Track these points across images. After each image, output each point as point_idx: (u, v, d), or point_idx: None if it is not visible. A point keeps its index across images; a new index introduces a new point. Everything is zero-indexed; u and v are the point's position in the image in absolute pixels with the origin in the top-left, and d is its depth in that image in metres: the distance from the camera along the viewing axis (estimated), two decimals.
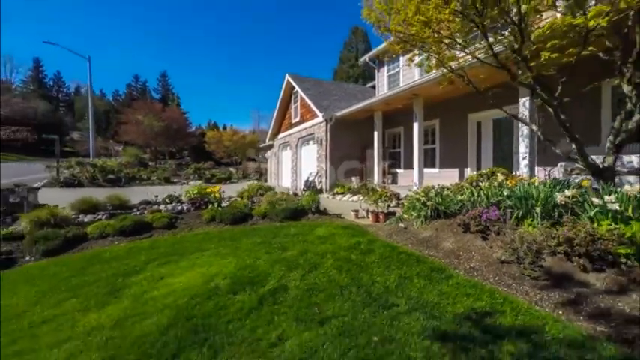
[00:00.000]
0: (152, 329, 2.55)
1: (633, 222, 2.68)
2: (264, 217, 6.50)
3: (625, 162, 5.75)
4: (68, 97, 57.35)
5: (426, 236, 4.13)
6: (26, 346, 2.49)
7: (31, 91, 45.36)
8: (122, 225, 5.80)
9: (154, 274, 3.78)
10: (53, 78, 55.74)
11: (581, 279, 2.57)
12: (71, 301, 3.24)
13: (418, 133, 8.36)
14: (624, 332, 2.00)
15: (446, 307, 2.50)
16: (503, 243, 3.22)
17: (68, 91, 58.50)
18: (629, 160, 5.67)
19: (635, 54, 3.06)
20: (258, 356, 2.12)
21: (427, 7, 3.14)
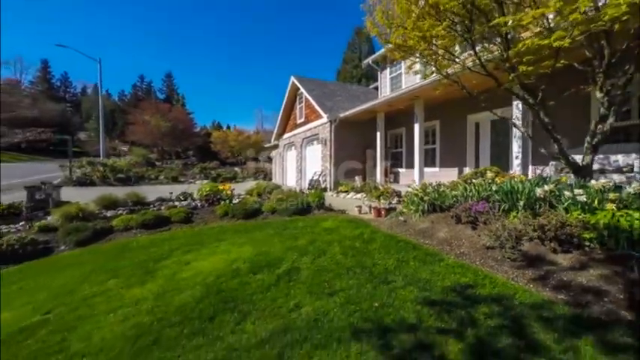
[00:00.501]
0: (189, 300, 3.05)
1: (598, 211, 3.14)
2: (273, 212, 7.00)
3: (612, 161, 6.18)
4: (75, 97, 58.41)
5: (422, 227, 4.61)
6: (85, 313, 3.02)
7: (40, 92, 46.34)
8: (144, 219, 6.34)
9: (181, 260, 4.30)
10: (60, 79, 56.87)
11: (551, 259, 3.03)
12: (113, 281, 3.77)
13: (419, 134, 8.81)
14: (579, 298, 2.47)
15: (436, 283, 2.98)
16: (489, 232, 3.69)
17: (75, 91, 59.60)
18: (616, 160, 6.10)
19: (605, 65, 3.51)
20: (280, 318, 2.62)
21: (423, 23, 3.61)
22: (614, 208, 3.03)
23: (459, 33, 3.61)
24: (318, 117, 13.09)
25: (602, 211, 3.10)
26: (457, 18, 3.54)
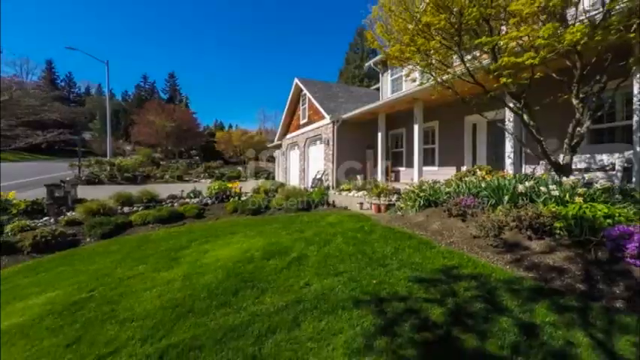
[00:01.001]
0: (213, 280, 3.57)
1: (569, 204, 3.62)
2: (279, 208, 7.52)
3: (597, 160, 6.64)
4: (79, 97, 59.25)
5: (418, 221, 5.10)
6: (125, 291, 3.53)
7: (45, 92, 47.10)
8: (160, 214, 6.87)
9: (200, 249, 4.82)
10: (65, 79, 57.72)
11: (526, 245, 3.51)
12: (142, 266, 4.29)
13: (418, 134, 9.29)
14: (544, 275, 2.96)
15: (426, 265, 3.47)
16: (476, 223, 4.17)
17: (79, 92, 60.43)
18: (601, 159, 6.56)
19: (578, 76, 3.98)
20: (293, 294, 3.12)
21: (417, 39, 4.10)
22: (581, 202, 3.51)
23: (449, 47, 4.10)
24: (321, 118, 13.59)
25: (572, 204, 3.58)
26: (447, 35, 4.03)
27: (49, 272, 4.45)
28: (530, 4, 2.91)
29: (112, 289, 3.60)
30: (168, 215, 6.89)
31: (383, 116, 11.35)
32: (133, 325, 2.79)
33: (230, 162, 31.24)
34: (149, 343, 2.50)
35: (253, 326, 2.58)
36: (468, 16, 3.50)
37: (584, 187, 3.76)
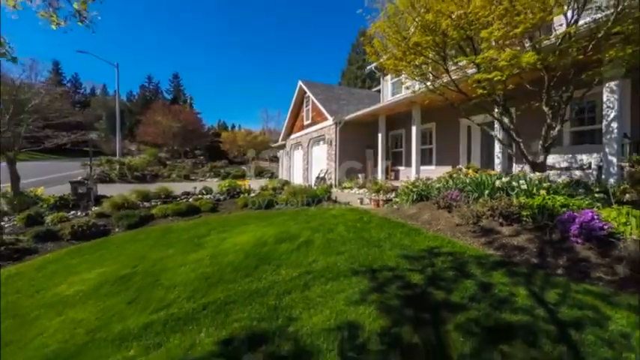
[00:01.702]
0: (235, 259, 4.30)
1: (535, 196, 4.31)
2: (286, 203, 8.24)
3: (577, 160, 7.32)
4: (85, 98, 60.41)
5: (411, 213, 5.81)
6: (162, 267, 4.27)
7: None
8: (178, 208, 7.63)
9: (219, 237, 5.56)
10: (71, 80, 58.92)
11: (498, 230, 4.21)
12: (172, 250, 5.04)
13: (415, 135, 9.99)
14: (508, 252, 3.66)
15: (413, 246, 4.18)
16: (459, 213, 4.87)
17: (84, 92, 61.62)
18: (581, 158, 7.24)
19: (546, 87, 4.67)
20: (303, 267, 3.84)
21: (408, 55, 4.80)
22: (544, 194, 4.20)
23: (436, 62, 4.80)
24: (324, 119, 14.31)
25: (538, 196, 4.27)
26: (434, 51, 4.73)
27: (92, 255, 5.21)
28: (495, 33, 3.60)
29: (151, 266, 4.35)
30: (185, 209, 7.64)
31: (383, 118, 12.04)
32: (176, 290, 3.53)
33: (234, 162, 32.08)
34: (192, 301, 3.23)
35: (273, 289, 3.30)
36: (449, 37, 4.20)
37: (549, 182, 4.45)
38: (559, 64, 4.18)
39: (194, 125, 34.35)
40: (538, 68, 4.26)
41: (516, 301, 2.65)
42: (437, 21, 4.07)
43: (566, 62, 4.23)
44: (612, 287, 2.76)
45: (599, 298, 2.56)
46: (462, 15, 4.11)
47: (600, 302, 2.51)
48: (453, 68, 5.28)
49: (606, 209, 3.65)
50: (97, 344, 2.64)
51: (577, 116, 7.35)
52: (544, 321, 2.35)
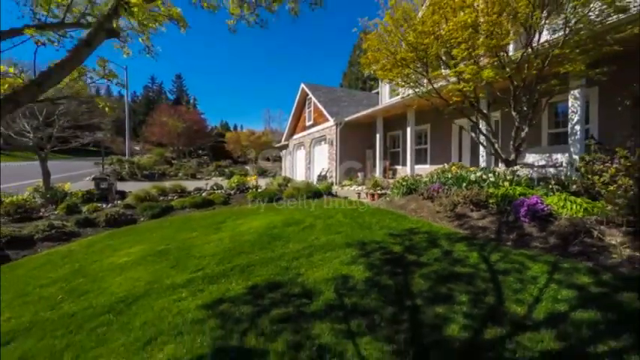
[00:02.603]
0: (250, 238, 5.24)
1: (501, 187, 5.22)
2: (290, 197, 9.18)
3: (553, 158, 8.19)
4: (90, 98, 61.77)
5: (401, 203, 6.73)
6: (191, 244, 5.22)
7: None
8: (194, 201, 8.59)
9: (234, 223, 6.50)
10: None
11: (469, 215, 5.12)
12: (195, 233, 5.99)
13: (410, 136, 10.90)
14: (474, 231, 4.57)
15: (398, 227, 5.10)
16: (439, 203, 5.79)
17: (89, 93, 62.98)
18: (556, 157, 8.11)
19: (513, 95, 5.58)
20: (307, 243, 4.76)
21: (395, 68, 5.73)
22: (507, 185, 5.10)
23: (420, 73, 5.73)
24: (326, 120, 15.25)
25: (502, 187, 5.18)
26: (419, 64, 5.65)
27: (127, 237, 6.17)
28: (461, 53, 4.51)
29: (181, 244, 5.30)
30: (201, 201, 8.60)
31: (380, 119, 12.96)
32: (206, 259, 4.47)
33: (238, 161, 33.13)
34: (220, 265, 4.17)
35: (283, 257, 4.24)
36: (429, 54, 5.12)
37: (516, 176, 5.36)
38: (519, 77, 5.09)
39: (198, 125, 35.46)
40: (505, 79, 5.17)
41: (468, 261, 3.57)
42: (418, 41, 4.99)
43: (528, 75, 5.14)
44: (542, 252, 3.67)
45: (528, 258, 3.48)
46: (438, 35, 5.03)
47: (527, 260, 3.42)
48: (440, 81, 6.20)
49: (552, 197, 4.55)
50: (155, 291, 3.58)
51: (554, 119, 8.22)
52: (483, 271, 3.27)
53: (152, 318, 2.96)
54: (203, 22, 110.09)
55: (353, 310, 2.79)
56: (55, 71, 1.51)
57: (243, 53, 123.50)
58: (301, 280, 3.47)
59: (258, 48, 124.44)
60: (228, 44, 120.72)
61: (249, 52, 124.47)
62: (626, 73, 5.62)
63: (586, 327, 2.26)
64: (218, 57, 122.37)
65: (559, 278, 2.97)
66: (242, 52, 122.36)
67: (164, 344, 2.53)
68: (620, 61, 5.68)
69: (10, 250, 5.47)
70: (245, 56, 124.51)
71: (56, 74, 1.52)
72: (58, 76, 1.56)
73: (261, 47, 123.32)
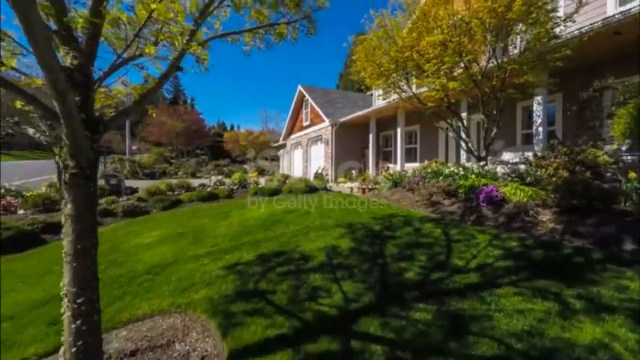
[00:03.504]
0: (255, 223, 6.16)
1: (469, 179, 6.20)
2: (289, 192, 10.10)
3: (525, 155, 9.17)
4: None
5: (386, 195, 7.70)
6: (204, 228, 6.13)
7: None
8: (201, 195, 9.49)
9: (240, 212, 7.42)
10: None
11: (442, 202, 6.10)
12: (206, 220, 6.90)
13: (400, 136, 11.87)
14: (443, 215, 5.55)
15: (381, 213, 6.06)
16: (418, 193, 6.76)
17: None
18: (527, 155, 9.09)
19: (481, 101, 6.57)
20: (304, 225, 5.70)
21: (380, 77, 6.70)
22: (474, 177, 6.09)
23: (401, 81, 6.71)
24: (322, 121, 16.19)
25: (470, 179, 6.16)
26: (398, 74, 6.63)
27: (145, 224, 7.07)
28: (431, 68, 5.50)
29: (195, 228, 6.22)
30: (207, 195, 9.50)
31: (374, 120, 13.93)
32: (219, 238, 5.40)
33: (237, 161, 34.00)
34: (232, 242, 5.09)
35: (285, 235, 5.17)
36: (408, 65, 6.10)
37: (484, 170, 6.35)
38: (485, 87, 6.09)
39: (197, 125, 36.30)
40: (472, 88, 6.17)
41: (432, 235, 4.53)
42: (398, 55, 5.96)
43: (492, 84, 6.13)
44: (492, 227, 4.65)
45: (478, 232, 4.45)
46: (416, 50, 6.01)
47: (477, 233, 4.40)
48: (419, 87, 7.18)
49: (507, 187, 5.54)
50: (181, 260, 4.50)
51: (527, 122, 9.24)
52: (441, 241, 4.24)
53: (184, 275, 3.88)
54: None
55: (338, 266, 3.74)
56: (148, 93, 2.42)
57: (240, 53, 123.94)
58: (299, 250, 4.41)
59: (254, 49, 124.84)
60: (223, 44, 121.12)
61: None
62: (582, 82, 6.66)
63: (500, 270, 3.23)
64: (214, 56, 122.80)
65: (495, 244, 3.94)
66: (239, 52, 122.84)
67: (198, 290, 3.46)
68: (581, 72, 6.76)
69: (45, 235, 6.35)
70: (241, 57, 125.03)
71: (149, 95, 2.43)
72: (149, 97, 2.47)
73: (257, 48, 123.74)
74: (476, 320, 2.46)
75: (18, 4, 1.36)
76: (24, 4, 1.35)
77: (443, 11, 5.47)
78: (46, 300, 3.55)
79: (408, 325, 2.48)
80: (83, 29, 2.07)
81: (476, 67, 6.25)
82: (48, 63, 1.53)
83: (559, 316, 2.40)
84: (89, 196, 2.03)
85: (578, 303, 2.54)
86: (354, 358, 2.18)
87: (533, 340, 2.18)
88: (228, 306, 3.02)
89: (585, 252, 3.47)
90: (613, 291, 2.65)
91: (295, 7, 3.16)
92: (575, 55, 5.85)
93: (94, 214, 2.10)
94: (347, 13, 77.18)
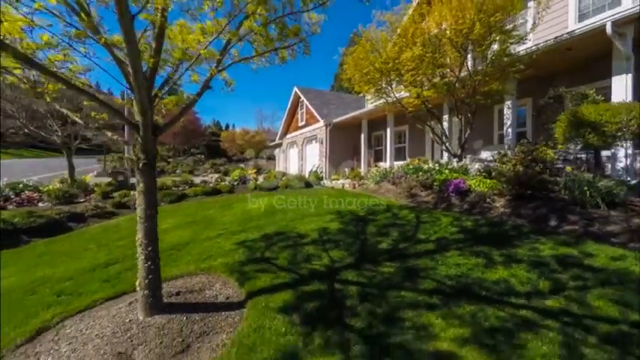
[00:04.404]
0: (257, 212, 7.09)
1: (443, 174, 7.21)
2: (286, 187, 11.04)
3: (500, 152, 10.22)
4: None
5: (373, 189, 8.68)
6: (212, 217, 7.04)
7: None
8: (204, 189, 10.38)
9: (242, 204, 8.34)
10: None
11: (420, 194, 7.09)
12: (212, 210, 7.81)
13: (390, 136, 12.87)
14: (419, 204, 6.54)
15: (366, 203, 7.03)
16: (400, 186, 7.75)
17: None
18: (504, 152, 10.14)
19: (455, 106, 7.57)
20: (301, 212, 6.65)
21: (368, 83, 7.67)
22: (447, 173, 7.10)
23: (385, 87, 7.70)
24: (317, 121, 17.13)
25: (444, 174, 7.17)
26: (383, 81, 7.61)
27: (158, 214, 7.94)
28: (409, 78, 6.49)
29: (204, 217, 7.13)
30: (210, 190, 10.39)
31: (365, 121, 14.91)
32: (227, 224, 6.32)
33: (233, 160, 34.79)
34: (239, 227, 6.02)
35: (284, 220, 6.11)
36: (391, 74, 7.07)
37: (458, 166, 7.36)
38: (457, 94, 7.10)
39: (193, 125, 36.98)
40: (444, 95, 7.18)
41: (406, 218, 5.52)
42: (382, 66, 6.93)
43: (463, 92, 7.14)
44: (456, 213, 5.64)
45: (444, 216, 5.44)
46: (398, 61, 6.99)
47: (442, 216, 5.39)
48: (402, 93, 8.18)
49: (473, 180, 6.55)
50: (198, 240, 5.41)
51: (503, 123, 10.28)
52: (413, 223, 5.22)
53: (202, 250, 4.81)
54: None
55: (328, 241, 4.70)
56: (188, 106, 3.34)
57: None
58: (296, 230, 5.36)
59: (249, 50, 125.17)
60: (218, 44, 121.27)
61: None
62: (545, 89, 7.72)
63: (453, 241, 4.22)
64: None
65: (455, 224, 4.94)
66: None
67: (216, 259, 4.39)
68: (545, 81, 7.83)
69: (70, 223, 7.20)
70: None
71: (188, 108, 3.35)
72: (189, 109, 3.39)
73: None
74: (425, 270, 3.43)
75: (131, 53, 2.29)
76: (135, 56, 2.29)
77: (419, 29, 6.46)
78: (92, 267, 4.46)
79: (377, 275, 3.45)
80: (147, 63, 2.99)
81: (451, 76, 7.25)
82: (140, 89, 2.46)
83: (483, 266, 3.39)
84: (153, 178, 2.95)
85: (499, 258, 3.54)
86: (336, 293, 3.15)
87: (460, 279, 3.16)
88: (241, 267, 3.96)
89: (519, 227, 4.48)
90: (526, 250, 3.65)
91: (294, 35, 4.10)
92: (539, 66, 6.93)
93: (155, 191, 3.02)
94: (343, 13, 78.15)
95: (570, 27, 7.81)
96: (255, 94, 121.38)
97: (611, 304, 2.53)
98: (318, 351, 2.31)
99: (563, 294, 2.76)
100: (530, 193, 5.38)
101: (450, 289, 3.03)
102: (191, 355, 2.42)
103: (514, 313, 2.55)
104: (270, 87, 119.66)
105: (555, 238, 3.92)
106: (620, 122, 4.81)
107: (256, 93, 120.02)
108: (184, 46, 2.97)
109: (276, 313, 2.84)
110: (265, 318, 2.76)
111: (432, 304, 2.80)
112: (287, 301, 3.03)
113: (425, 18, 6.84)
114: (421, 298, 2.91)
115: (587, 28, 6.04)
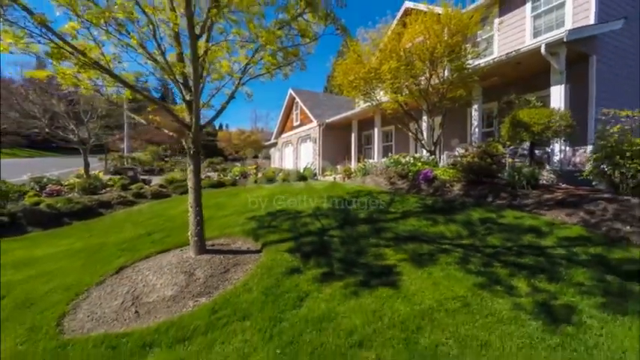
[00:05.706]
0: (260, 199, 8.46)
1: (416, 165, 8.69)
2: (284, 180, 12.42)
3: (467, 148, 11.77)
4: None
5: (360, 180, 10.14)
6: (221, 203, 8.39)
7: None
8: (210, 182, 11.71)
9: (246, 194, 9.70)
10: None
11: (397, 183, 8.56)
12: (220, 199, 9.15)
13: (377, 135, 14.34)
14: (397, 190, 8.01)
15: (352, 190, 8.47)
16: (382, 177, 9.21)
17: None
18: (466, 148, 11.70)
19: (427, 109, 9.06)
20: (298, 198, 8.05)
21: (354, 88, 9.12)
22: (420, 165, 8.58)
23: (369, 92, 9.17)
24: (310, 121, 18.55)
25: (418, 166, 8.65)
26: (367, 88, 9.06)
27: (172, 202, 9.26)
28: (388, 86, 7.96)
29: (215, 203, 8.47)
30: (215, 183, 11.71)
31: (355, 122, 16.38)
32: (236, 207, 7.68)
33: (229, 159, 35.95)
34: (247, 208, 7.39)
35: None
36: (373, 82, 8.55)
37: (430, 160, 8.86)
38: (429, 99, 8.59)
39: None
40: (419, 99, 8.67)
41: (383, 199, 6.97)
42: (366, 75, 8.39)
43: (435, 97, 8.64)
44: (423, 196, 7.11)
45: (413, 197, 6.90)
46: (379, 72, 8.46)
47: (411, 198, 6.85)
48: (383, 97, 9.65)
49: (440, 170, 8.04)
50: (215, 217, 6.77)
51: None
52: (387, 202, 6.67)
53: (221, 223, 6.18)
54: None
55: (320, 215, 6.12)
56: (220, 110, 4.73)
57: None
58: (295, 209, 6.77)
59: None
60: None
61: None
62: (507, 95, 9.25)
63: (413, 212, 5.68)
64: None
65: (419, 202, 6.41)
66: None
67: (234, 228, 5.76)
68: (507, 88, 9.37)
69: (100, 209, 8.48)
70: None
71: (219, 114, 4.75)
72: (221, 114, 4.78)
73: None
74: (389, 229, 4.88)
75: (195, 78, 3.68)
76: (198, 78, 3.67)
77: (396, 46, 7.93)
78: (137, 236, 5.80)
79: (354, 232, 4.89)
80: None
81: (424, 83, 8.74)
82: (197, 100, 3.85)
83: (430, 225, 4.86)
84: (199, 163, 4.34)
85: (442, 220, 5.00)
86: (325, 242, 4.56)
87: (411, 232, 4.62)
88: (255, 231, 5.35)
89: (465, 203, 5.97)
90: (463, 216, 5.13)
91: (294, 56, 5.49)
92: (501, 75, 8.46)
93: (199, 171, 4.41)
94: (340, 12, 79.47)
95: (527, 42, 9.38)
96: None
97: (498, 240, 4.01)
98: (312, 268, 3.73)
99: (474, 237, 4.23)
100: (481, 179, 6.88)
101: (403, 238, 4.48)
102: (231, 273, 3.82)
103: (438, 247, 4.01)
104: (264, 88, 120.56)
105: (486, 208, 5.42)
106: (543, 123, 6.33)
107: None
108: (223, 70, 4.36)
109: (284, 252, 4.25)
110: (277, 254, 4.18)
111: (388, 245, 4.24)
112: (291, 247, 4.44)
113: (401, 37, 8.32)
114: (382, 242, 4.36)
115: (527, 48, 7.60)
